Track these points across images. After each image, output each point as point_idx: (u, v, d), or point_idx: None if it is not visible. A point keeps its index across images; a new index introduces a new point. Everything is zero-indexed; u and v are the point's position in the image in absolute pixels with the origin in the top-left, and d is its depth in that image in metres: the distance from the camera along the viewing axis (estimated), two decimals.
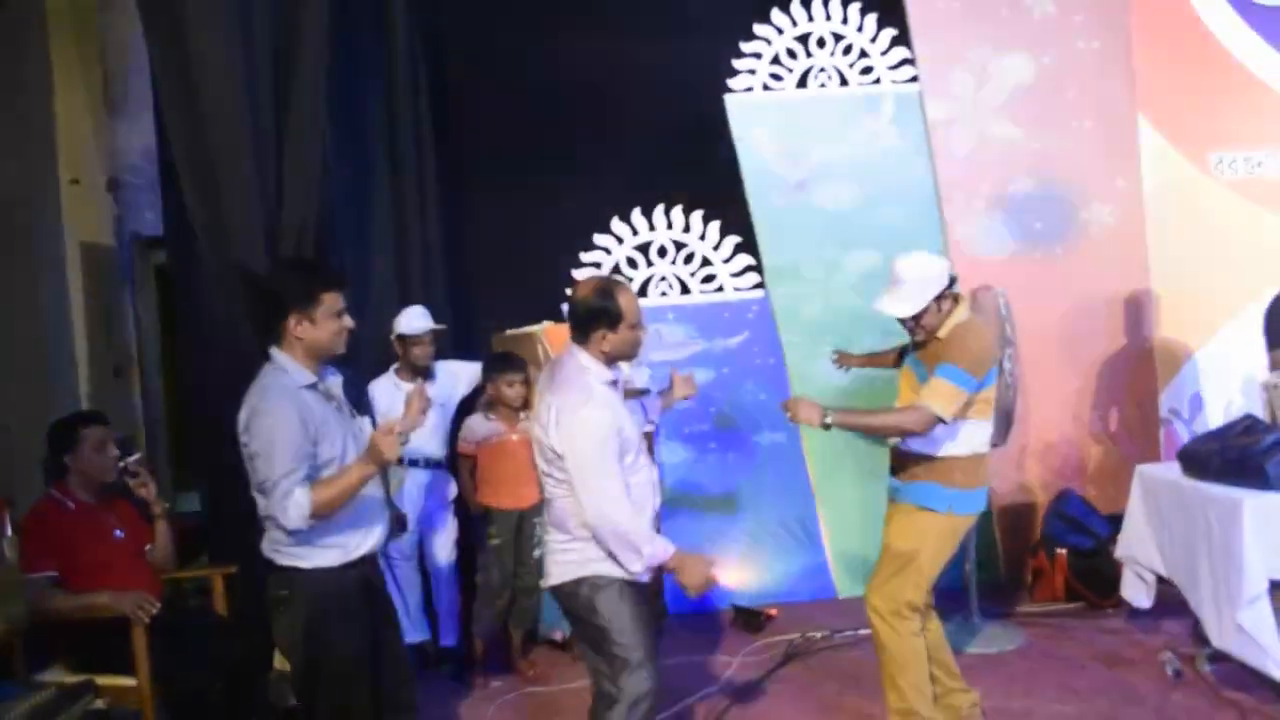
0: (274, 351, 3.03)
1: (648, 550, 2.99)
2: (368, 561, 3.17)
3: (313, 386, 3.02)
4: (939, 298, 3.58)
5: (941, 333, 3.63)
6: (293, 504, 2.85)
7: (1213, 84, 5.75)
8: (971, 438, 3.66)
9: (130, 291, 6.15)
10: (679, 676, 4.63)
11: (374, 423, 4.61)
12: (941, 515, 3.67)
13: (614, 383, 3.14)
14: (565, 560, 3.10)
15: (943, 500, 3.67)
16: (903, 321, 3.67)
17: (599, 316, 3.05)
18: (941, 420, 3.50)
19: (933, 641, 3.85)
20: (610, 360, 3.12)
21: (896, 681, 3.72)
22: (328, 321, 3.01)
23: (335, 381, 3.16)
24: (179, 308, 4.92)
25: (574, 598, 3.09)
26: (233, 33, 3.96)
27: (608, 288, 3.09)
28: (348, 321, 3.08)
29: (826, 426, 3.48)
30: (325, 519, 2.92)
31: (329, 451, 2.98)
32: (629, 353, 3.17)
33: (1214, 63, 5.76)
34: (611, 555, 3.01)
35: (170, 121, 4.06)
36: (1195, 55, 5.75)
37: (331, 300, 3.02)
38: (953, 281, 3.64)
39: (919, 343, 3.73)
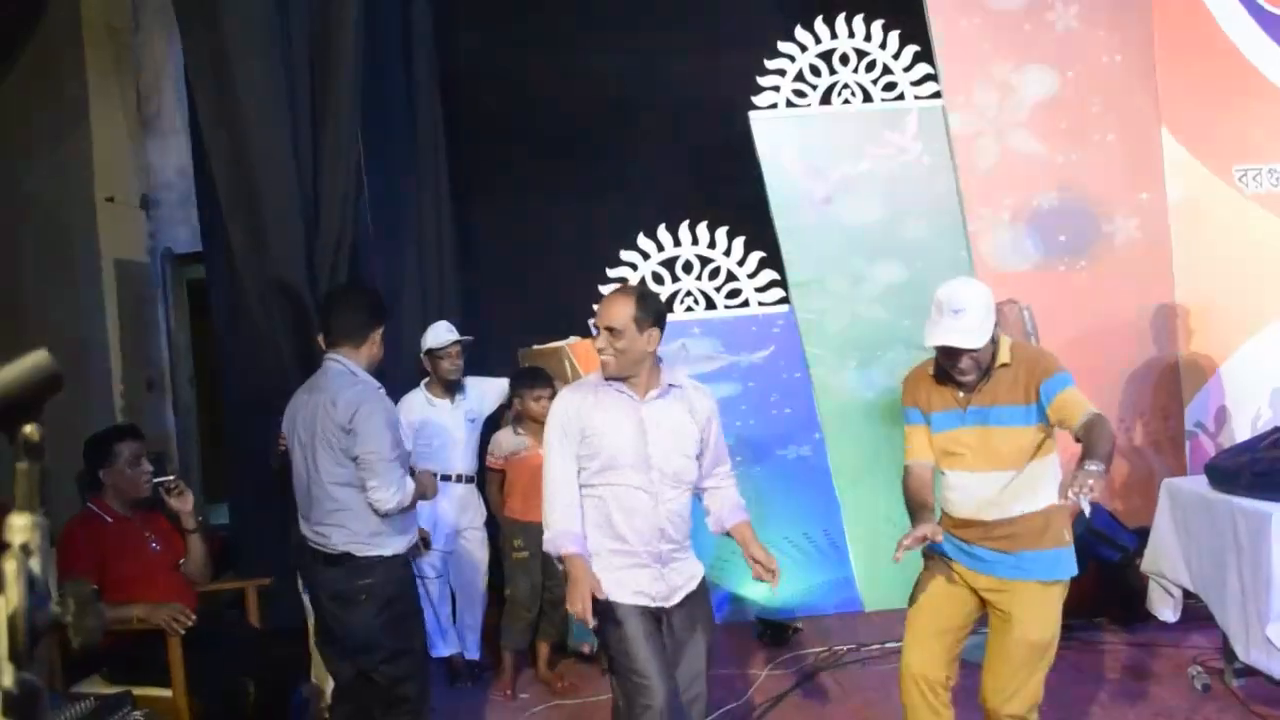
0: (351, 365, 3.44)
1: (548, 534, 3.05)
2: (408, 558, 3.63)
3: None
4: (995, 328, 3.11)
5: (1005, 358, 3.16)
6: (406, 484, 3.37)
7: (1236, 97, 5.74)
8: (1056, 473, 3.16)
9: (163, 307, 6.24)
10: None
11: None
12: (1065, 582, 3.19)
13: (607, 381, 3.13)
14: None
15: (1068, 564, 3.19)
16: (953, 361, 3.10)
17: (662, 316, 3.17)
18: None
19: None
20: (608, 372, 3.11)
21: None
22: (380, 346, 3.53)
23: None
24: (214, 323, 5.00)
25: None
26: (271, 52, 4.05)
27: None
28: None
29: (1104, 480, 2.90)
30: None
31: None
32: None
33: (1237, 76, 5.75)
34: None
35: (211, 141, 4.15)
36: (1219, 68, 5.75)
37: (381, 328, 3.54)
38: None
39: (964, 384, 3.18)
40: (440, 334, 4.82)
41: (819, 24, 5.66)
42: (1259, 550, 3.71)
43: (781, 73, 5.65)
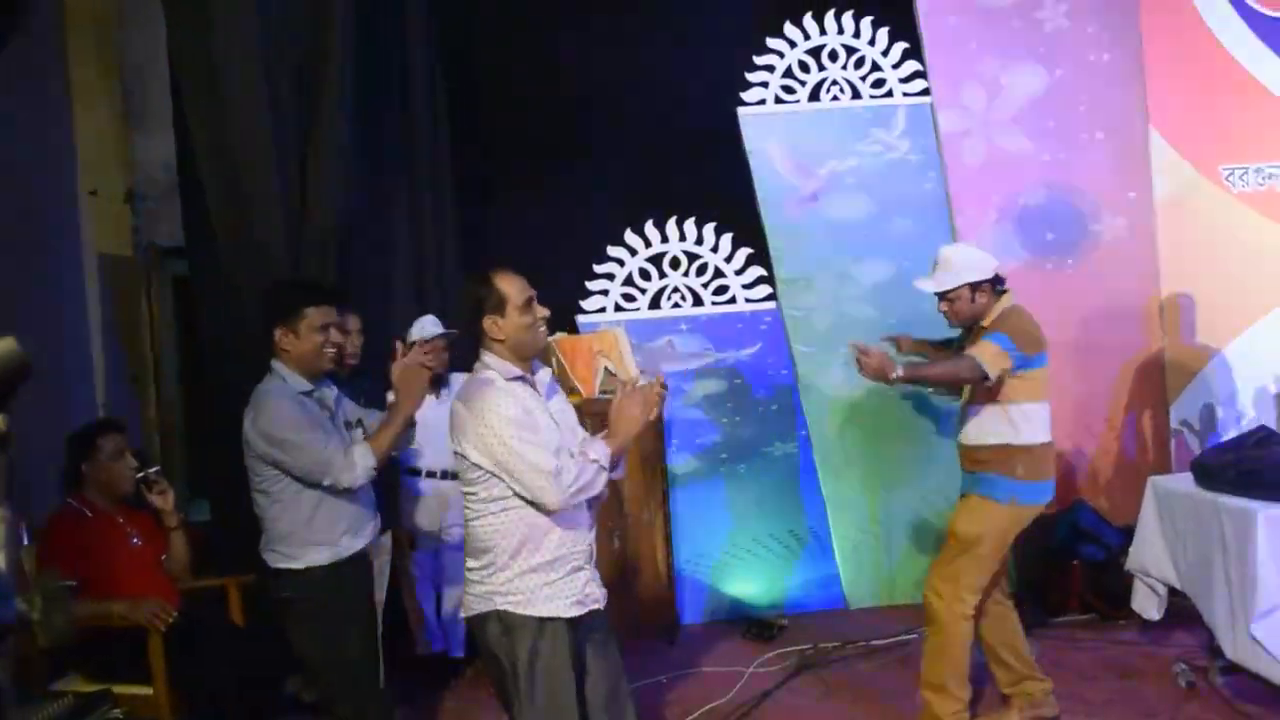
0: (273, 362, 3.27)
1: (595, 459, 2.74)
2: (359, 560, 3.36)
3: (308, 394, 3.27)
4: (975, 287, 3.82)
5: (986, 321, 3.84)
6: (357, 457, 3.16)
7: (1224, 96, 5.75)
8: (1030, 424, 3.82)
9: (147, 302, 6.19)
10: (689, 687, 4.65)
11: None
12: (1004, 506, 3.83)
13: (521, 378, 2.84)
14: (475, 592, 2.81)
15: (1005, 491, 3.82)
16: (942, 311, 3.93)
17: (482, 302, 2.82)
18: (987, 377, 3.67)
19: (1010, 629, 4.06)
20: (517, 355, 2.85)
21: (938, 656, 3.88)
22: (311, 335, 3.25)
23: (330, 393, 3.39)
24: (198, 318, 4.96)
25: (483, 633, 2.80)
26: (259, 49, 4.03)
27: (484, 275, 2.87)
28: (334, 336, 3.31)
29: (893, 381, 3.69)
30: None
31: None
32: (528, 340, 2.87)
33: (1225, 75, 5.76)
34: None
35: (196, 135, 4.13)
36: (1206, 68, 5.76)
37: (316, 314, 3.25)
38: (998, 280, 3.88)
39: (964, 333, 3.97)
40: (426, 327, 4.79)
41: (808, 20, 5.66)
42: (1244, 548, 3.71)
43: (770, 69, 5.65)
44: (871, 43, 5.68)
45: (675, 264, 5.66)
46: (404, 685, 4.76)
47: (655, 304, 5.66)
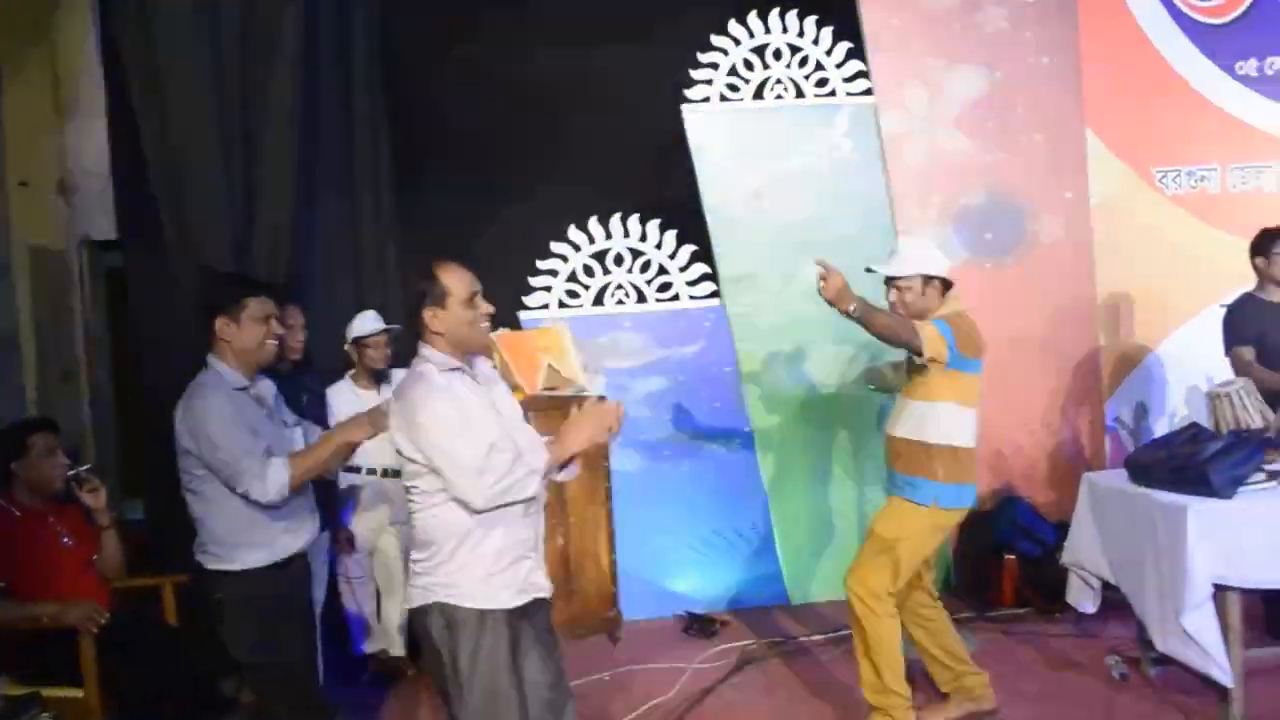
0: (209, 357, 3.20)
1: (529, 465, 2.66)
2: (298, 561, 3.29)
3: (244, 389, 3.20)
4: (928, 281, 3.86)
5: (933, 318, 3.81)
6: (272, 471, 3.05)
7: (1158, 100, 5.88)
8: (955, 426, 3.83)
9: (80, 296, 6.06)
10: (632, 684, 4.65)
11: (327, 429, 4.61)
12: (925, 509, 3.83)
13: (456, 369, 2.79)
14: (418, 584, 2.77)
15: (927, 494, 3.83)
16: (891, 302, 3.91)
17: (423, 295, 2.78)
18: (920, 353, 3.69)
19: (941, 629, 4.10)
20: (456, 350, 2.81)
21: (871, 659, 3.88)
22: (253, 326, 3.19)
23: (267, 389, 3.34)
24: (131, 312, 4.86)
25: (424, 625, 2.76)
26: (203, 45, 3.99)
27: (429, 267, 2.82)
28: (275, 328, 3.25)
29: (848, 312, 3.61)
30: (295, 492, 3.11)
31: None
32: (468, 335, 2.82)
33: (1159, 79, 5.89)
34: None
35: (142, 126, 4.06)
36: (1142, 72, 5.88)
37: (257, 305, 3.20)
38: (948, 283, 3.91)
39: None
40: (367, 322, 4.76)
41: (753, 18, 5.68)
42: (1176, 543, 3.78)
43: (715, 67, 5.66)
44: (815, 42, 5.71)
45: (619, 261, 5.65)
46: (343, 687, 4.72)
47: (599, 301, 5.65)
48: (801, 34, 5.71)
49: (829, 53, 5.72)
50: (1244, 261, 4.85)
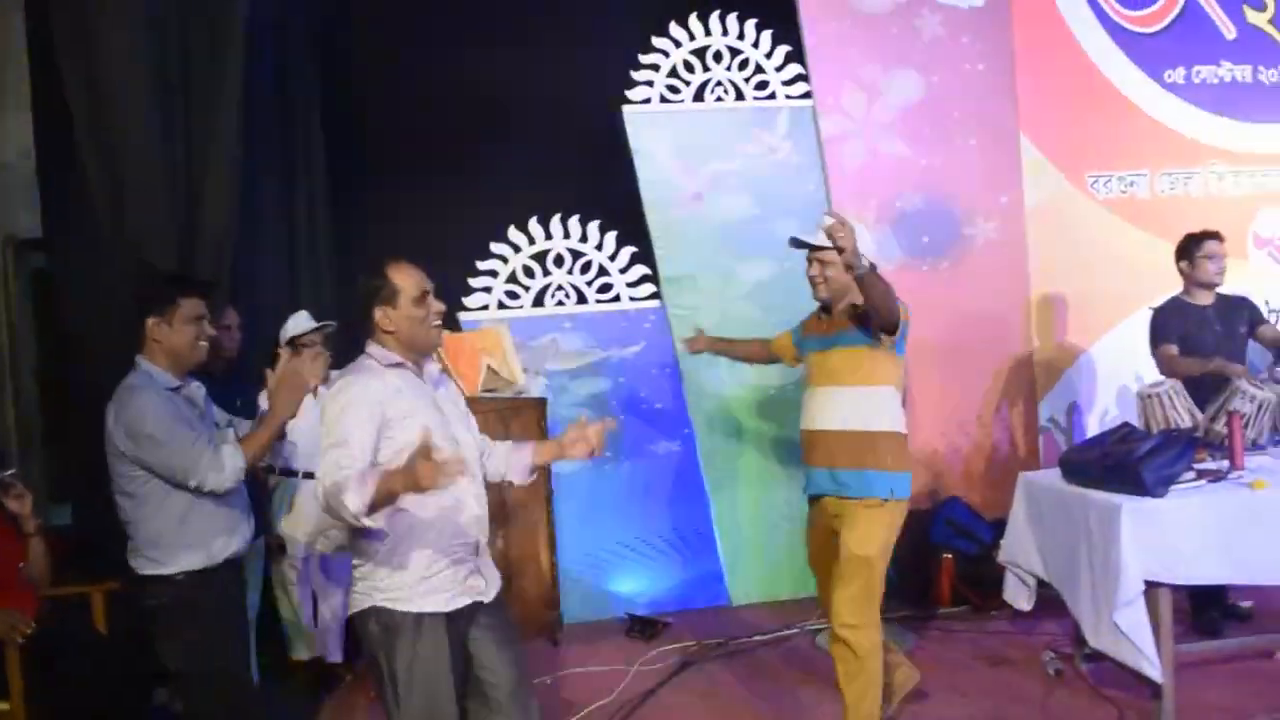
0: (139, 358, 3.15)
1: (352, 500, 2.47)
2: (234, 566, 3.23)
3: (176, 390, 3.15)
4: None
5: (858, 300, 3.58)
6: (226, 457, 3.03)
7: (1089, 107, 6.00)
8: (895, 410, 3.68)
9: (4, 295, 5.88)
10: (574, 686, 4.63)
11: None
12: (886, 503, 3.63)
13: (398, 365, 2.76)
14: (357, 589, 2.76)
15: (882, 486, 3.63)
16: (811, 276, 3.72)
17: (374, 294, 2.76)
18: (898, 320, 3.51)
19: None
20: (408, 349, 2.79)
21: (867, 694, 3.62)
22: (185, 327, 3.15)
23: (197, 391, 3.28)
24: (57, 313, 4.72)
25: (364, 631, 2.73)
26: (143, 35, 3.93)
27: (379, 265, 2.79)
28: (208, 329, 3.21)
29: (857, 268, 3.32)
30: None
31: None
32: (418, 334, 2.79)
33: (1091, 86, 6.01)
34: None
35: (77, 122, 3.98)
36: (1074, 79, 6.00)
37: (190, 306, 3.16)
38: (873, 267, 3.56)
39: (825, 307, 3.78)
40: (301, 322, 4.68)
41: (693, 21, 5.69)
42: (1109, 541, 3.84)
43: (655, 68, 5.66)
44: (755, 45, 5.74)
45: (559, 262, 5.63)
46: (278, 693, 4.64)
47: (539, 302, 5.62)
48: (742, 37, 5.74)
49: (769, 56, 5.75)
50: (1174, 264, 4.95)
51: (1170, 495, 3.91)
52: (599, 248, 5.65)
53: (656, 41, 5.66)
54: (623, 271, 5.67)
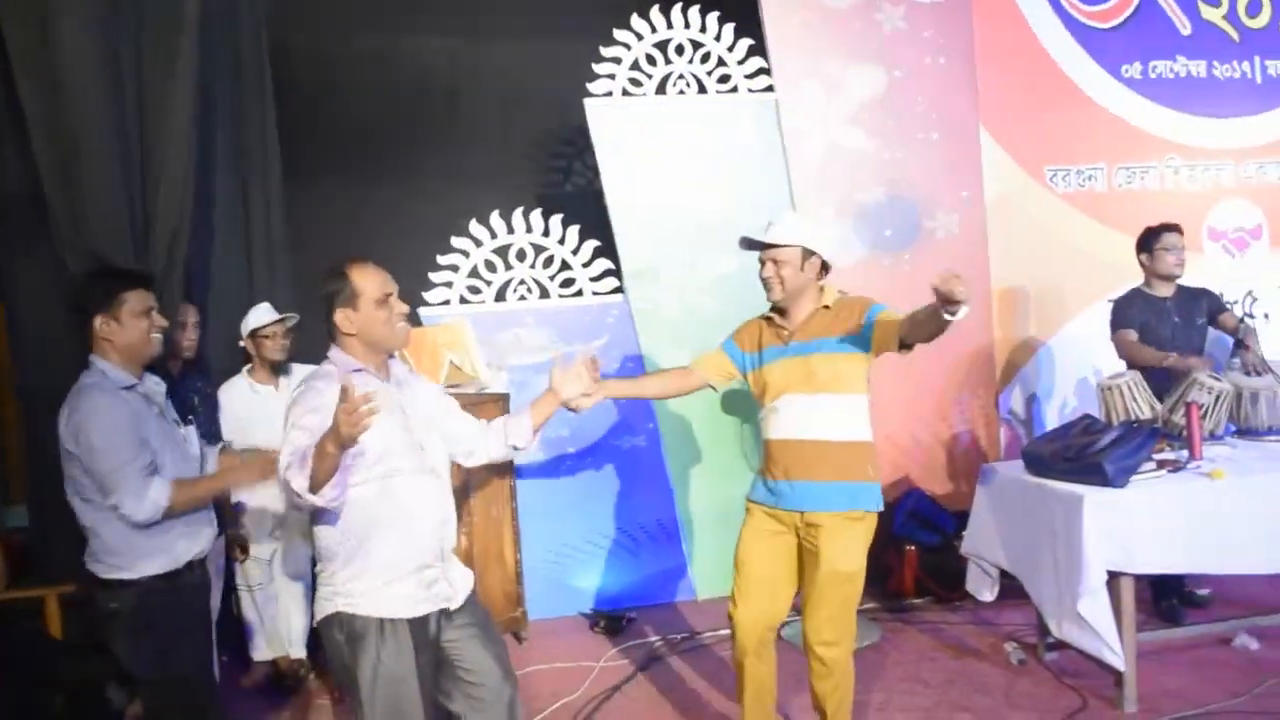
0: (92, 357, 3.04)
1: (296, 480, 2.48)
2: (197, 568, 3.16)
3: (132, 388, 3.05)
4: (808, 256, 3.41)
5: (827, 301, 3.48)
6: (152, 490, 2.89)
7: (1048, 101, 6.06)
8: (869, 418, 3.49)
9: None
10: (539, 683, 4.60)
11: (219, 430, 4.46)
12: (869, 515, 3.43)
13: (360, 370, 2.73)
14: (321, 594, 2.73)
15: (870, 499, 3.43)
16: (764, 278, 3.47)
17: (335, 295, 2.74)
18: (911, 346, 3.39)
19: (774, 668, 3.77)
20: (371, 351, 2.78)
21: (848, 696, 3.53)
22: (134, 321, 3.05)
23: (156, 387, 3.18)
24: (9, 312, 4.63)
25: (329, 637, 2.71)
26: (90, 26, 3.87)
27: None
28: (158, 320, 3.11)
29: (954, 316, 3.16)
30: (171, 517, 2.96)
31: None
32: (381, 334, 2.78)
33: (1050, 81, 6.07)
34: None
35: (30, 114, 3.90)
36: (1033, 74, 6.05)
37: (136, 299, 3.06)
38: (827, 266, 3.53)
39: (779, 310, 3.53)
40: (261, 314, 4.64)
41: (655, 13, 5.66)
42: (1072, 531, 3.89)
43: (617, 61, 5.62)
44: (717, 38, 5.72)
45: (521, 256, 5.59)
46: (240, 693, 4.58)
47: (501, 296, 5.58)
48: (704, 29, 5.72)
49: (731, 49, 5.73)
50: (1132, 257, 5.01)
51: (1131, 486, 3.96)
52: (561, 241, 5.61)
53: (619, 34, 5.62)
54: (585, 265, 5.64)
